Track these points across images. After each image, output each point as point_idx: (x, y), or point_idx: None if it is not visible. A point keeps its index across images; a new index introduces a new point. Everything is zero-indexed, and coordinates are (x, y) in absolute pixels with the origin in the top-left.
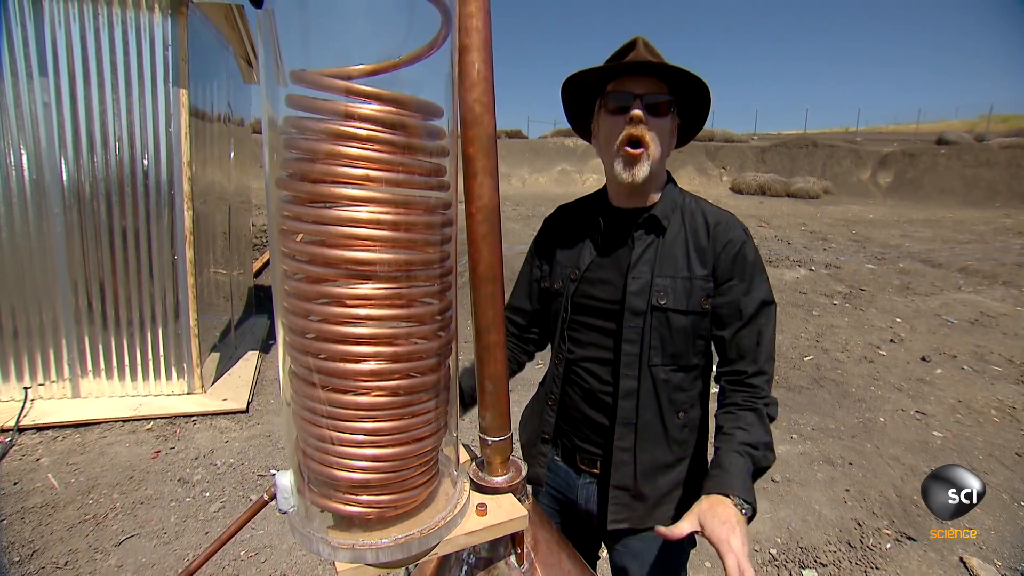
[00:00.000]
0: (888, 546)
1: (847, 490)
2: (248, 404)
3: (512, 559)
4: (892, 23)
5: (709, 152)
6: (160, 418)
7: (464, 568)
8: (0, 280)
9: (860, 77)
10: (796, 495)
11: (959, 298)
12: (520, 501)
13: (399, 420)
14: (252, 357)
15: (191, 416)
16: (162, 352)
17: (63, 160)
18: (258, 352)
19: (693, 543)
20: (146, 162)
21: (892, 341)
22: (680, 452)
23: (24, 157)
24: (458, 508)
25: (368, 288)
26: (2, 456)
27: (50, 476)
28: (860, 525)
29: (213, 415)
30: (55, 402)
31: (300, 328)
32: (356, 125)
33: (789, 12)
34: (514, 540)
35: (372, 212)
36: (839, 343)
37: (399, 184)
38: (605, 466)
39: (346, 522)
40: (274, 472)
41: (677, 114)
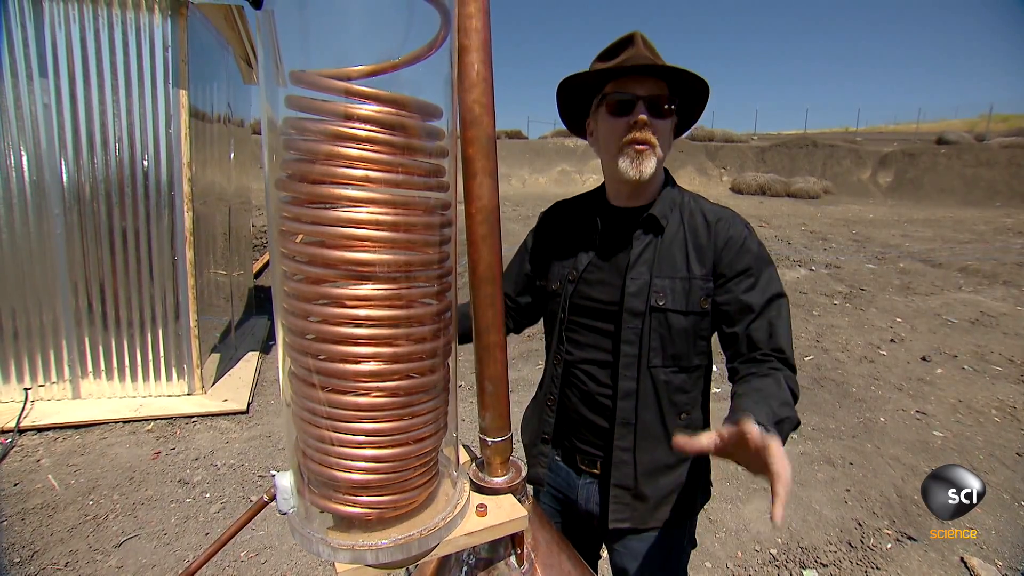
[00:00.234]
0: (889, 546)
1: (847, 490)
2: (248, 405)
3: (512, 560)
4: (892, 23)
5: (709, 152)
6: (160, 419)
7: (464, 569)
8: (0, 281)
9: (860, 77)
10: (796, 495)
11: (959, 298)
12: (520, 502)
13: (399, 421)
14: (252, 358)
15: (191, 417)
16: (162, 353)
17: (63, 161)
18: (258, 353)
19: (694, 543)
20: (146, 163)
21: (892, 341)
22: (682, 453)
23: (24, 158)
24: (458, 509)
25: (368, 289)
26: (2, 457)
27: (50, 477)
28: (861, 525)
29: (213, 416)
30: (55, 403)
31: (300, 329)
32: (355, 126)
33: (789, 12)
34: (514, 541)
35: (371, 213)
36: (839, 343)
37: (398, 185)
38: (605, 467)
39: (346, 523)
40: (274, 473)
41: (676, 112)
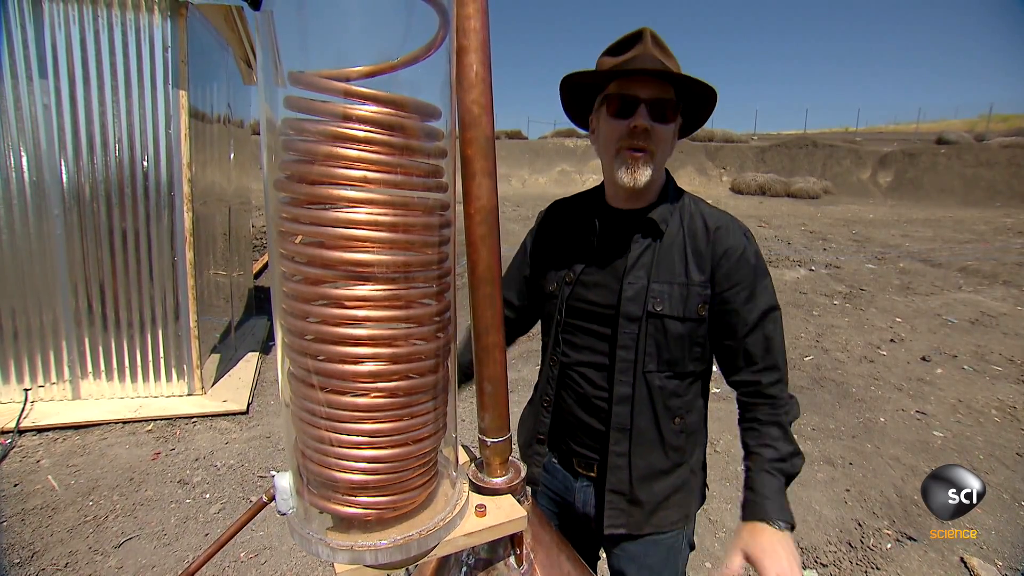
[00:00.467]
0: (888, 546)
1: (847, 490)
2: (248, 405)
3: (511, 560)
4: (892, 23)
5: (709, 152)
6: (160, 419)
7: (463, 569)
8: (0, 282)
9: (860, 77)
10: (796, 495)
11: (959, 298)
12: (519, 502)
13: (398, 421)
14: (252, 358)
15: (191, 417)
16: (162, 353)
17: (63, 162)
18: (258, 353)
19: (692, 546)
20: (146, 164)
21: (892, 341)
22: (677, 458)
23: (24, 159)
24: (457, 509)
25: (366, 290)
26: (2, 458)
27: (50, 478)
28: (860, 525)
29: (213, 416)
30: (55, 404)
31: (299, 330)
32: (354, 127)
33: (789, 12)
34: (513, 541)
35: (370, 214)
36: (839, 343)
37: (397, 186)
38: (601, 470)
39: (345, 523)
40: (274, 473)
41: (680, 114)
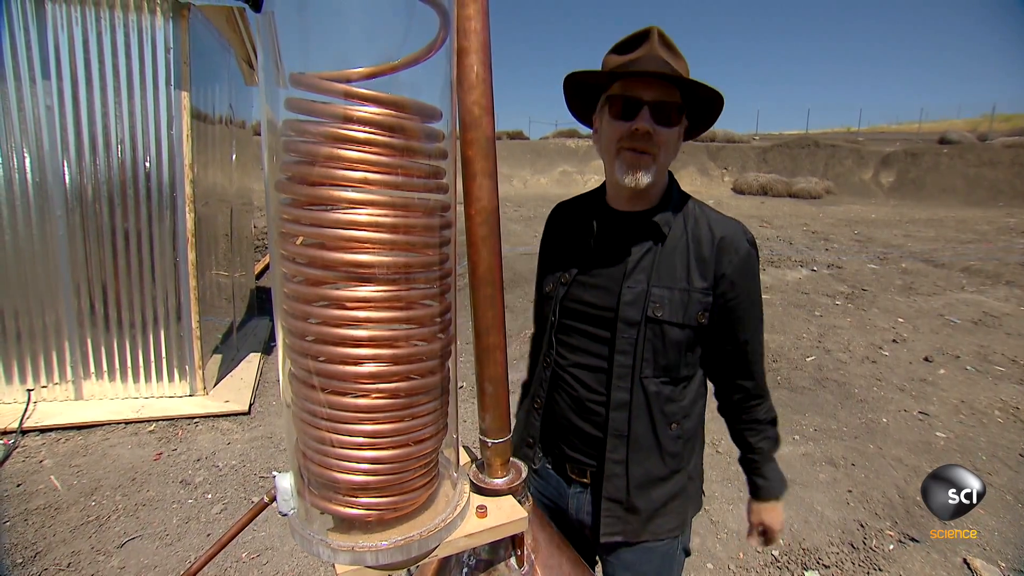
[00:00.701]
0: (891, 547)
1: (849, 491)
2: (250, 406)
3: (512, 561)
4: (894, 23)
5: (711, 152)
6: (162, 420)
7: (464, 570)
8: (3, 282)
9: (862, 77)
10: (798, 496)
11: (962, 298)
12: (520, 503)
13: (399, 422)
14: (254, 359)
15: (193, 418)
16: (164, 354)
17: (65, 163)
18: (260, 354)
19: (687, 552)
20: (148, 164)
21: (895, 341)
22: (674, 464)
23: (27, 160)
24: (458, 510)
25: (367, 291)
26: (5, 458)
27: (53, 478)
28: (863, 526)
29: (215, 417)
30: (58, 404)
31: (300, 331)
32: (355, 128)
33: (790, 12)
34: (514, 542)
35: (371, 215)
36: (841, 343)
37: (398, 187)
38: (596, 476)
39: (346, 524)
40: (275, 474)
41: (686, 116)
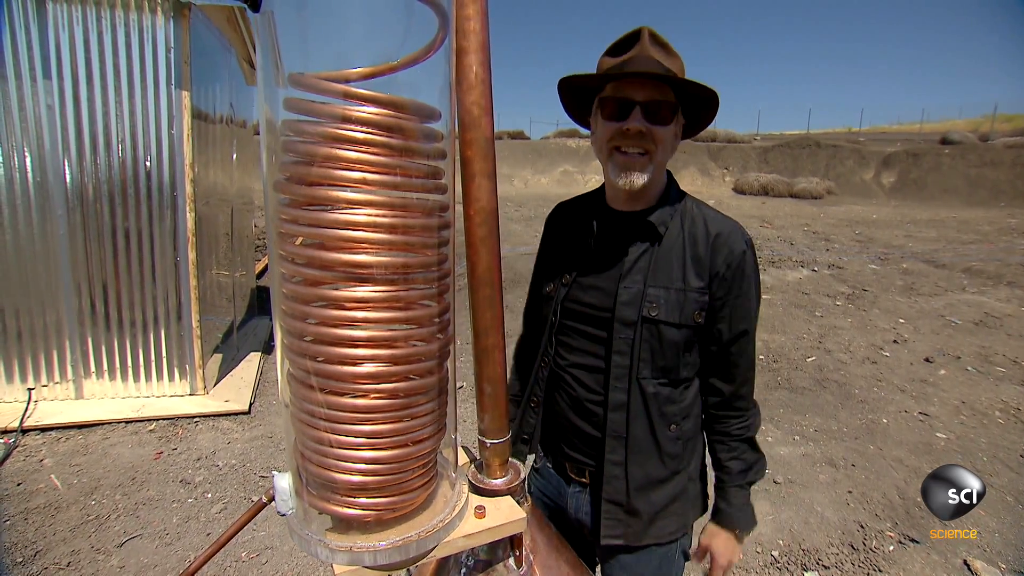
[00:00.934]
0: (891, 548)
1: (850, 492)
2: (250, 405)
3: (511, 561)
4: (895, 23)
5: (712, 152)
6: (162, 419)
7: (463, 570)
8: (4, 281)
9: (863, 77)
10: (798, 497)
11: (963, 299)
12: (519, 503)
13: (397, 422)
14: (254, 358)
15: (193, 417)
16: (165, 353)
17: (66, 162)
18: (260, 353)
19: (687, 556)
20: (149, 164)
21: (895, 342)
22: (674, 466)
23: (28, 159)
24: (456, 510)
25: (366, 291)
26: (6, 457)
27: (53, 477)
28: (863, 527)
29: (215, 416)
30: (58, 403)
31: (298, 331)
32: (353, 128)
33: (792, 12)
34: (513, 542)
35: (370, 215)
36: (842, 344)
37: (396, 187)
38: (595, 476)
39: (344, 524)
40: (275, 473)
41: (683, 114)
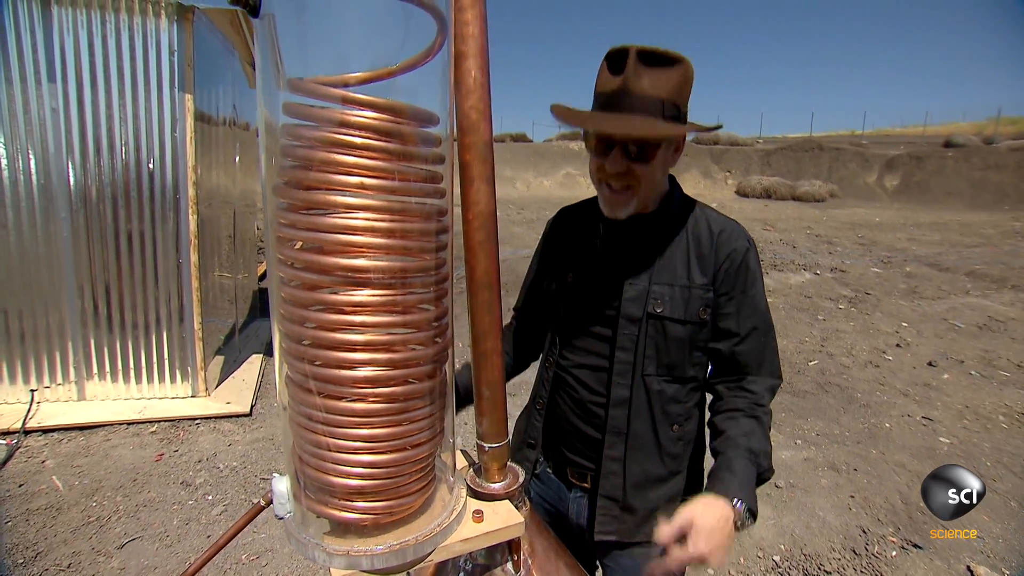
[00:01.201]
0: (893, 553)
1: (852, 496)
2: (251, 407)
3: (509, 566)
4: (899, 26)
5: (714, 155)
6: (164, 421)
7: (460, 574)
8: (7, 283)
9: (866, 80)
10: (800, 501)
11: (967, 302)
12: (517, 508)
13: (395, 426)
14: (256, 360)
15: (195, 419)
16: (167, 355)
17: (70, 164)
18: (262, 355)
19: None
20: (152, 166)
21: (898, 346)
22: (674, 466)
23: (32, 161)
24: (454, 514)
25: (364, 295)
26: (8, 458)
27: (55, 478)
28: (865, 532)
29: (216, 418)
30: (61, 404)
31: (296, 335)
32: (351, 133)
33: (794, 15)
34: (511, 547)
35: (368, 219)
36: (844, 347)
37: (395, 191)
38: (595, 479)
39: (342, 528)
40: (275, 476)
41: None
